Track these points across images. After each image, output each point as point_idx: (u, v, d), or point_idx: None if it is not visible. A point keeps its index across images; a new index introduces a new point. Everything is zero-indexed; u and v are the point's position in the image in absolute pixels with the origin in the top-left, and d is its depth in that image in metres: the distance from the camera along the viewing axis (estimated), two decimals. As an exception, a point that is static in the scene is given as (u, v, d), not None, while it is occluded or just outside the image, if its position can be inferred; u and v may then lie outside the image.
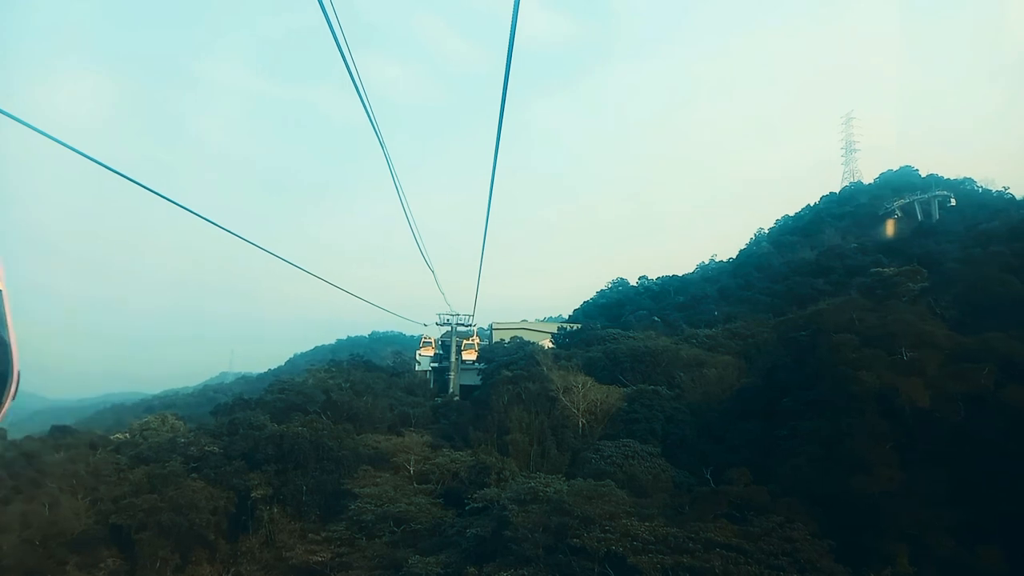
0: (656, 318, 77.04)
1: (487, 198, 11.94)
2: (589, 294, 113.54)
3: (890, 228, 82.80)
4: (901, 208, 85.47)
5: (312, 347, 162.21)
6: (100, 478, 35.70)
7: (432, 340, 64.40)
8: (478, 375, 59.97)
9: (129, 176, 8.58)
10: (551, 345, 64.42)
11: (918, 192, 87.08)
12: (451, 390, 59.14)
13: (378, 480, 32.92)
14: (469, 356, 60.50)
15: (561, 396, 40.75)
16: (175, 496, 32.03)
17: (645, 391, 39.74)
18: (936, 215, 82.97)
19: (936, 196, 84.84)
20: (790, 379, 37.22)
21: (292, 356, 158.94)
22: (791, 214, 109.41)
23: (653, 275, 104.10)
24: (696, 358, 48.00)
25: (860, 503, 22.05)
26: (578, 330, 66.44)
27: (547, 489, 25.21)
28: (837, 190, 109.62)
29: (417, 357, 65.10)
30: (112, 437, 54.74)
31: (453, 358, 61.01)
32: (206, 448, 37.56)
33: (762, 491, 22.87)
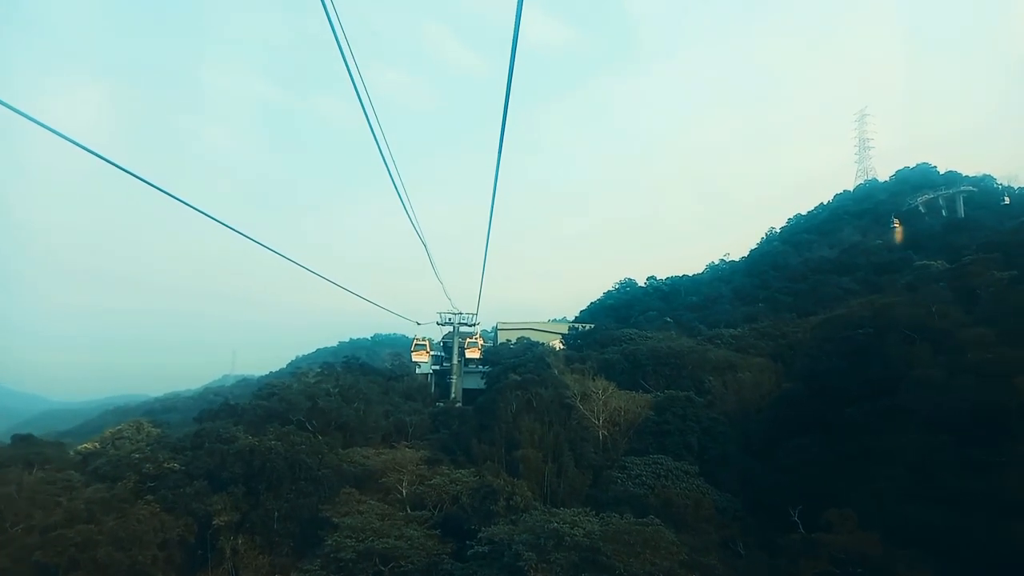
0: (668, 319, 70.69)
1: (492, 185, 11.14)
2: (594, 296, 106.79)
3: (899, 232, 76.82)
4: (925, 204, 78.98)
5: (314, 349, 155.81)
6: (36, 503, 29.16)
7: (427, 342, 56.08)
8: (482, 378, 53.44)
9: (142, 176, 8.35)
10: (561, 346, 57.78)
11: (942, 188, 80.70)
12: (453, 395, 52.48)
13: (362, 508, 26.33)
14: (472, 355, 53.87)
15: (578, 403, 34.23)
16: (116, 527, 25.54)
17: (676, 398, 33.18)
18: (962, 211, 76.61)
19: (961, 192, 78.55)
20: (846, 385, 30.72)
21: (294, 358, 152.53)
22: (803, 213, 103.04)
23: (658, 277, 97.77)
24: (726, 360, 41.54)
25: (1008, 554, 15.49)
26: (591, 330, 59.87)
27: (574, 531, 18.61)
28: (851, 188, 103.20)
29: (413, 358, 56.52)
30: (80, 447, 48.49)
31: (455, 360, 54.30)
32: (165, 465, 31.03)
33: (873, 540, 16.29)
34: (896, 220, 78.83)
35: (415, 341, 55.83)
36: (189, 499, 28.83)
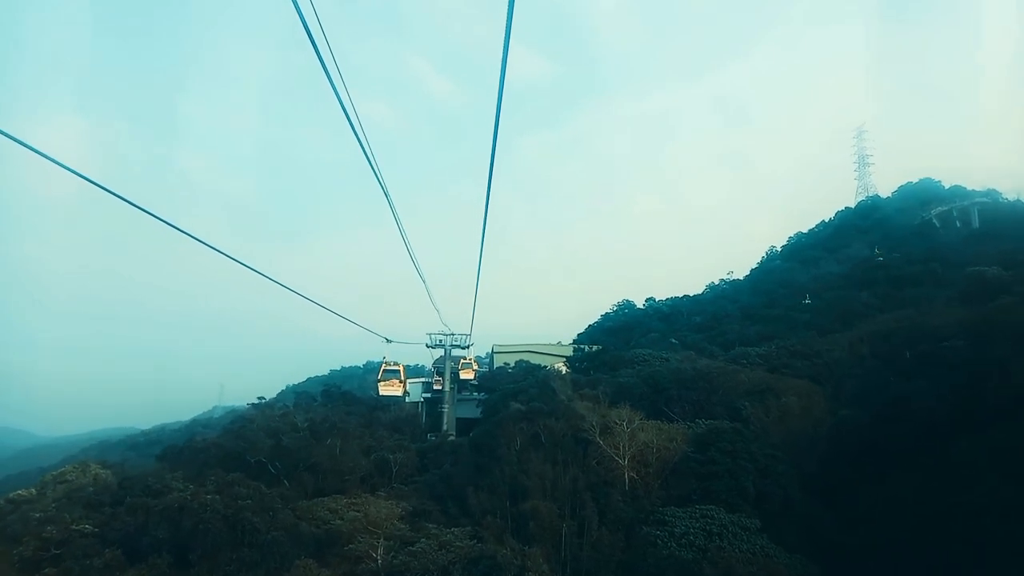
0: (673, 340, 63.77)
1: (483, 209, 11.01)
2: (590, 319, 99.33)
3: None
4: (939, 217, 73.15)
5: (305, 378, 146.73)
6: None
7: (399, 368, 44.80)
8: (478, 406, 45.85)
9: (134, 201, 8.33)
10: (566, 370, 50.28)
11: (954, 201, 75.15)
12: (444, 428, 44.77)
13: (320, 589, 18.77)
14: (467, 375, 46.16)
15: (597, 438, 26.80)
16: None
17: (722, 430, 25.86)
18: (977, 223, 70.84)
19: (976, 204, 72.94)
20: (932, 411, 23.63)
21: (284, 388, 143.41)
22: (804, 231, 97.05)
23: (657, 297, 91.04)
24: (763, 382, 34.25)
25: None
26: (600, 351, 52.49)
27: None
28: (852, 205, 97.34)
29: (380, 391, 44.57)
30: (12, 495, 40.50)
31: (447, 387, 46.69)
32: (73, 527, 23.27)
33: None
34: (878, 251, 72.88)
35: (383, 367, 44.48)
36: (98, 573, 21.16)
